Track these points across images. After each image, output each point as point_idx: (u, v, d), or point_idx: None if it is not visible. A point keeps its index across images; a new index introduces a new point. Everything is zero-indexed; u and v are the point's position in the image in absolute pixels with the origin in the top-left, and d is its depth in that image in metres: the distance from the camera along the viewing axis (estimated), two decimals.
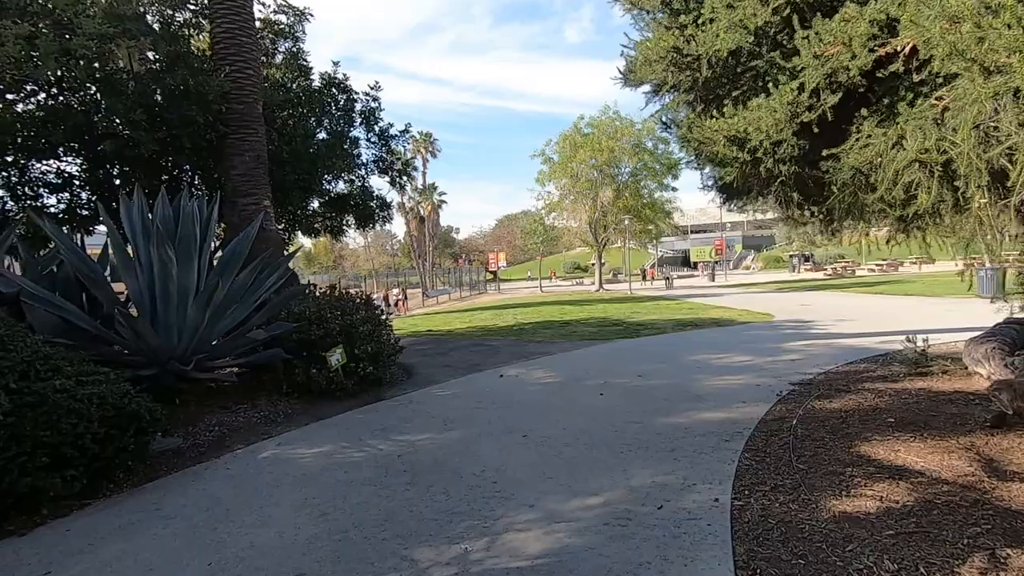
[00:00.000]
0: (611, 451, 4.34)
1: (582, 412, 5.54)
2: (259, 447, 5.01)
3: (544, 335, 12.01)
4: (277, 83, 10.98)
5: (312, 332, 6.87)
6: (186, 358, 5.67)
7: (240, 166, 8.61)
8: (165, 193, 5.65)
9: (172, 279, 5.33)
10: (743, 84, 3.81)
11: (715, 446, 4.29)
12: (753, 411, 5.19)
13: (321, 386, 6.63)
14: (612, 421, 5.16)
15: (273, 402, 6.38)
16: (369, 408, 6.25)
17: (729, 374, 6.93)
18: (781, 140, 3.44)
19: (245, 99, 8.59)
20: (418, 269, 53.37)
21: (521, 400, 6.22)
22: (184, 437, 5.28)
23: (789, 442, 4.22)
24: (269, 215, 8.89)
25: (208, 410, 5.98)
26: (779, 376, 6.59)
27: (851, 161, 3.22)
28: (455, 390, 7.00)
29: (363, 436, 5.15)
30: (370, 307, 7.97)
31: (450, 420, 5.53)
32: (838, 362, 7.20)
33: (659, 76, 4.10)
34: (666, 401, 5.76)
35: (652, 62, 4.02)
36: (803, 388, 5.91)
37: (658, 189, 34.49)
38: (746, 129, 3.49)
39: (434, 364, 8.92)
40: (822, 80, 3.21)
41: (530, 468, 4.08)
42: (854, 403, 5.15)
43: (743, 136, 3.54)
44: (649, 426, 4.93)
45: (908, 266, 45.22)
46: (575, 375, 7.43)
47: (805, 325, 11.68)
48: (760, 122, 3.40)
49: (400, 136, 12.45)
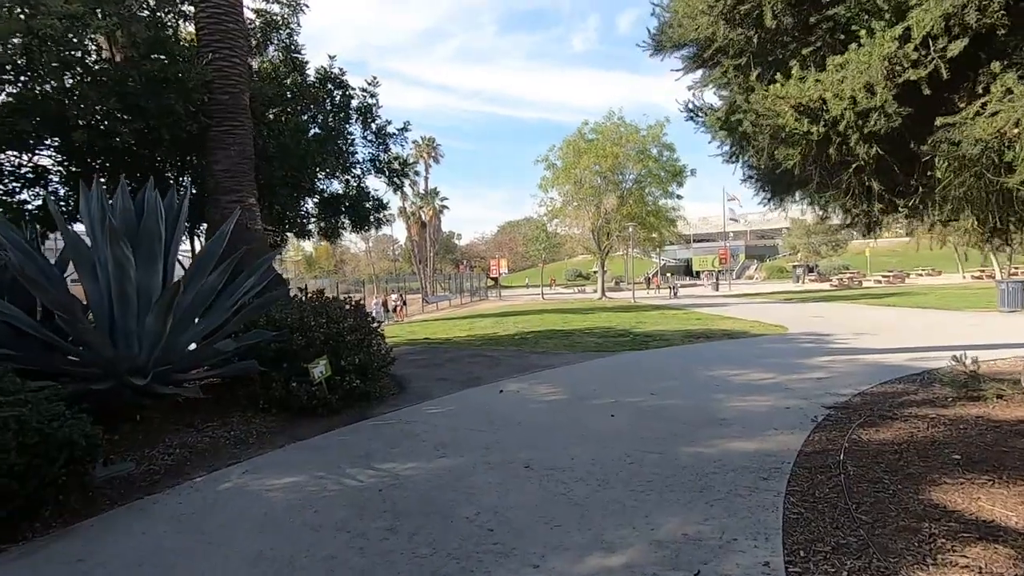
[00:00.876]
0: (629, 489, 3.69)
1: (592, 437, 4.90)
2: (222, 475, 4.36)
3: (547, 345, 11.37)
4: (269, 76, 10.42)
5: (294, 341, 6.24)
6: (147, 370, 5.03)
7: (224, 161, 8.02)
8: (125, 185, 5.05)
9: (130, 281, 4.71)
10: (816, 39, 3.16)
11: (752, 485, 3.64)
12: (788, 440, 4.54)
13: (302, 401, 5.98)
14: (627, 449, 4.51)
15: (247, 419, 5.74)
16: (353, 428, 5.60)
17: (753, 394, 6.27)
18: (871, 108, 2.79)
19: (230, 89, 8.01)
20: (419, 275, 52.77)
21: (523, 421, 5.57)
22: (139, 461, 4.63)
23: (841, 483, 3.57)
24: (254, 213, 8.29)
25: (172, 429, 5.33)
26: (809, 397, 5.94)
27: (977, 132, 2.56)
28: (450, 407, 6.36)
29: (342, 463, 4.50)
30: (360, 314, 7.34)
31: (442, 445, 4.88)
32: (871, 382, 6.55)
33: (704, 33, 3.45)
34: (686, 425, 5.11)
35: (696, 15, 3.36)
36: (840, 413, 5.26)
37: (663, 196, 33.94)
38: (822, 96, 2.84)
39: (429, 376, 8.27)
40: (938, 23, 2.55)
41: (534, 511, 3.43)
42: (906, 434, 4.49)
43: (817, 106, 2.89)
44: (671, 457, 4.28)
45: (914, 277, 44.62)
46: (581, 392, 6.78)
47: (823, 339, 11.01)
48: (843, 85, 2.75)
49: (398, 134, 11.87)
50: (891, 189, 3.32)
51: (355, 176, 11.71)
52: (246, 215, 8.13)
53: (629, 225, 32.31)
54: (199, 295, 5.27)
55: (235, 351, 5.40)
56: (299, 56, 10.97)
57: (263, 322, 6.22)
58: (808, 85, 2.84)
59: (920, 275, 46.55)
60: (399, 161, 12.06)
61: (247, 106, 8.26)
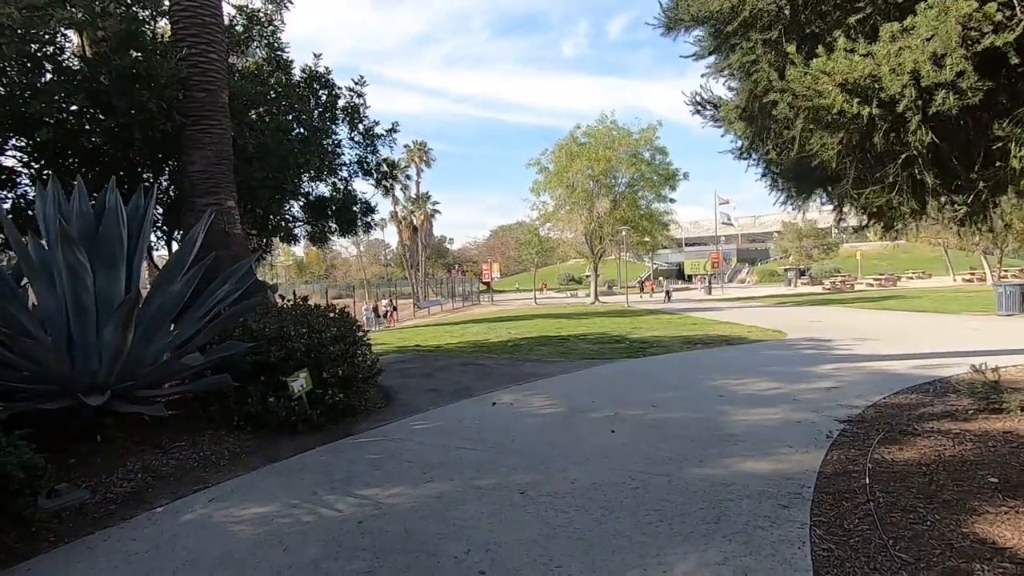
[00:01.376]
0: (636, 520, 3.32)
1: (592, 457, 4.53)
2: (185, 504, 3.95)
3: (540, 353, 11.00)
4: (251, 75, 10.01)
5: (271, 353, 5.83)
6: (107, 387, 4.61)
7: (200, 161, 7.59)
8: (83, 184, 4.64)
9: (87, 290, 4.29)
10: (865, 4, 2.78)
11: (772, 515, 3.28)
12: (805, 460, 4.20)
13: (280, 418, 5.57)
14: (631, 470, 4.15)
15: (219, 438, 5.31)
16: (334, 446, 5.20)
17: (760, 406, 5.94)
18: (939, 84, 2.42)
19: (207, 86, 7.60)
20: (410, 279, 52.31)
21: (517, 438, 5.19)
22: (95, 488, 4.20)
23: (871, 511, 3.23)
24: (233, 217, 7.87)
25: (137, 450, 4.89)
26: (819, 410, 5.61)
27: None
28: (439, 422, 5.97)
29: (319, 489, 4.10)
30: (345, 322, 6.92)
31: (430, 466, 4.49)
32: (882, 392, 6.23)
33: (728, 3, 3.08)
34: (693, 443, 4.75)
35: None
36: (856, 428, 4.93)
37: (656, 200, 33.76)
38: (873, 73, 2.48)
39: (418, 387, 7.88)
40: None
41: (531, 548, 3.05)
42: (932, 452, 4.16)
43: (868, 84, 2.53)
44: (679, 480, 3.92)
45: (905, 281, 44.73)
46: (579, 404, 6.42)
47: (824, 345, 10.73)
48: (902, 57, 2.39)
49: (387, 136, 11.47)
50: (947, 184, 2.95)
51: (342, 179, 11.30)
52: (224, 218, 7.72)
53: (622, 229, 32.03)
54: (164, 305, 4.86)
55: (205, 365, 4.99)
56: (283, 54, 10.57)
57: (238, 333, 5.80)
58: (857, 59, 2.47)
59: (911, 278, 46.73)
60: (387, 163, 11.67)
61: (225, 104, 7.85)
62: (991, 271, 37.67)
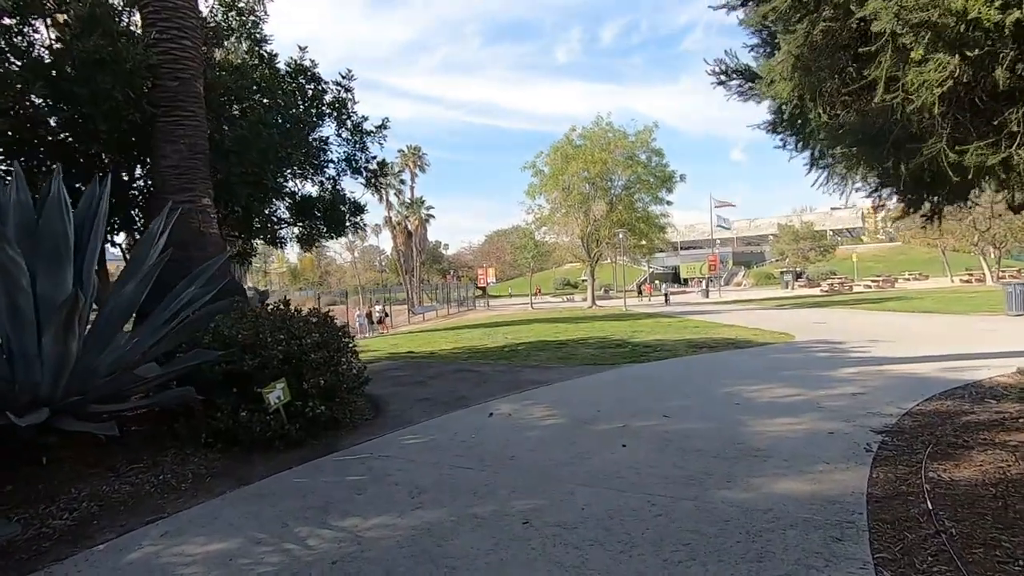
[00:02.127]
0: (661, 559, 2.79)
1: (603, 477, 3.99)
2: (133, 539, 3.38)
3: (539, 359, 10.46)
4: (233, 68, 9.47)
5: (245, 362, 5.27)
6: (53, 401, 4.04)
7: (173, 155, 7.04)
8: (21, 173, 4.09)
9: (23, 291, 3.74)
10: None
11: (825, 551, 2.75)
12: (847, 479, 3.68)
13: (253, 434, 5.00)
14: (650, 493, 3.61)
15: (184, 458, 4.74)
16: (314, 466, 4.64)
17: (783, 415, 5.42)
18: None
19: (180, 74, 7.06)
20: (405, 285, 51.72)
21: (518, 454, 4.65)
22: (29, 521, 3.63)
23: (944, 546, 2.70)
24: (209, 216, 7.31)
25: (87, 473, 4.32)
26: (850, 419, 5.10)
27: None
28: (432, 436, 5.42)
29: (291, 519, 3.55)
30: (328, 328, 6.37)
31: (420, 490, 3.94)
32: (913, 398, 5.73)
33: None
34: (716, 459, 4.22)
35: None
36: (896, 440, 4.41)
37: (652, 202, 33.34)
38: None
39: (409, 396, 7.32)
40: None
41: None
42: (994, 468, 3.65)
43: None
44: (707, 505, 3.39)
45: (902, 282, 44.42)
46: (583, 414, 5.88)
47: (837, 348, 10.24)
48: None
49: (376, 133, 10.93)
50: None
51: (329, 178, 10.76)
52: (199, 217, 7.16)
53: (619, 231, 31.56)
54: (116, 309, 4.30)
55: (165, 376, 4.42)
56: (266, 47, 10.04)
57: (208, 340, 5.25)
58: None
59: (908, 279, 46.47)
60: (377, 161, 11.13)
61: (200, 95, 7.31)
62: (990, 271, 37.44)
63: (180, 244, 7.07)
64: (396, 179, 52.40)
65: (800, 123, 3.39)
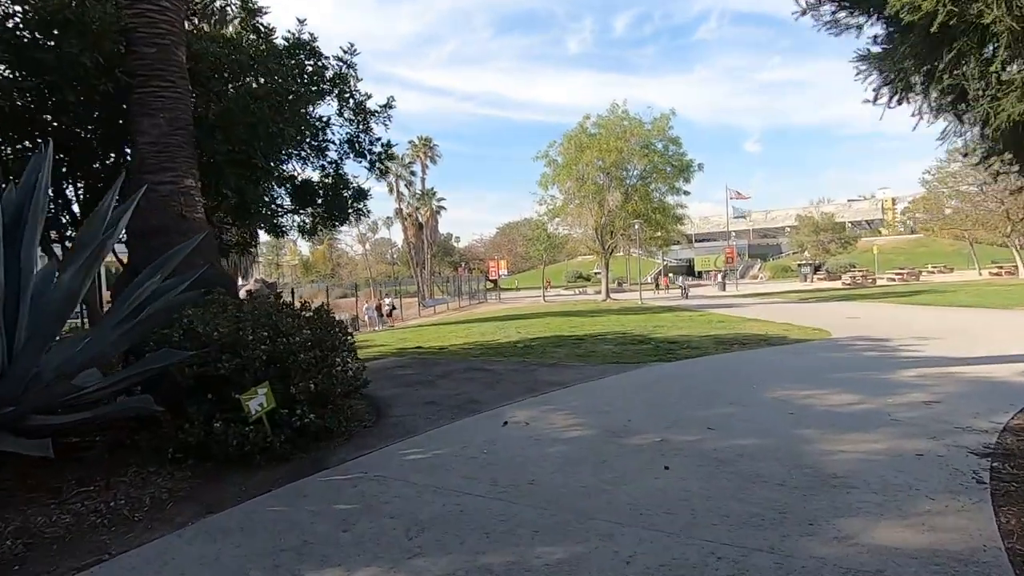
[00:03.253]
0: None
1: (646, 511, 3.21)
2: None
3: (556, 355, 9.68)
4: (224, 39, 8.73)
5: (222, 363, 4.55)
6: None
7: (151, 131, 6.30)
8: None
9: None
10: None
11: None
12: (968, 525, 2.85)
13: (229, 448, 4.29)
14: (710, 540, 2.82)
15: (144, 478, 4.02)
16: (297, 488, 3.91)
17: (850, 429, 4.58)
18: None
19: (158, 40, 6.30)
20: (416, 277, 51.22)
21: (538, 477, 3.87)
22: None
23: None
24: (193, 199, 6.59)
25: (24, 498, 3.62)
26: (936, 435, 4.26)
27: None
28: (437, 449, 4.67)
29: (256, 567, 2.81)
30: (322, 324, 5.63)
31: (419, 526, 3.18)
32: (1004, 408, 4.86)
33: None
34: (785, 489, 3.41)
35: None
36: (1010, 465, 3.57)
37: (669, 192, 32.26)
38: None
39: (414, 399, 6.59)
40: None
41: None
42: None
43: None
44: (792, 564, 2.58)
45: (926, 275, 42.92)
46: (612, 424, 5.10)
47: (884, 346, 9.34)
48: None
49: (381, 112, 10.15)
50: None
51: (331, 161, 10.00)
52: (181, 200, 6.44)
53: (635, 222, 30.58)
54: (51, 302, 3.59)
55: (124, 380, 3.70)
56: (260, 19, 9.29)
57: (178, 338, 4.53)
58: None
59: (932, 272, 44.96)
60: (382, 143, 10.35)
61: (182, 63, 6.56)
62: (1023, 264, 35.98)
63: (160, 230, 6.38)
64: (407, 170, 51.75)
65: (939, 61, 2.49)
